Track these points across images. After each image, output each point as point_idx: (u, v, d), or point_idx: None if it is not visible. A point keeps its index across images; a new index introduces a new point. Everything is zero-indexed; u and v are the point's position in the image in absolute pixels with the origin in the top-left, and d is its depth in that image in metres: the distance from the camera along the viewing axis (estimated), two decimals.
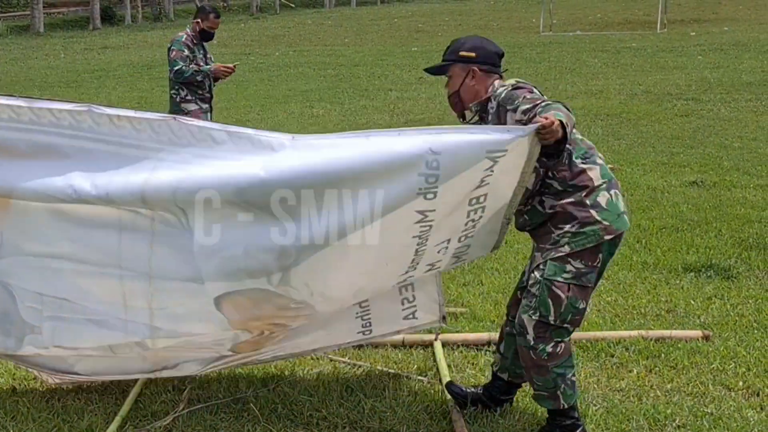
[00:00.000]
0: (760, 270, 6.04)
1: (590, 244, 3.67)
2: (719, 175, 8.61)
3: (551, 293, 3.69)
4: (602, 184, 3.70)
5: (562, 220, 3.69)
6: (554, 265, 3.70)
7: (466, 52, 3.87)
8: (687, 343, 4.84)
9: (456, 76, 3.90)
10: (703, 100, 13.58)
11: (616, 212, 3.70)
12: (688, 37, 23.94)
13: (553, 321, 3.71)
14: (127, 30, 37.86)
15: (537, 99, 3.59)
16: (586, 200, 3.67)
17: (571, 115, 3.48)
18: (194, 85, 7.86)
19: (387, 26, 34.67)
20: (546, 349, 3.74)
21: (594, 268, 3.72)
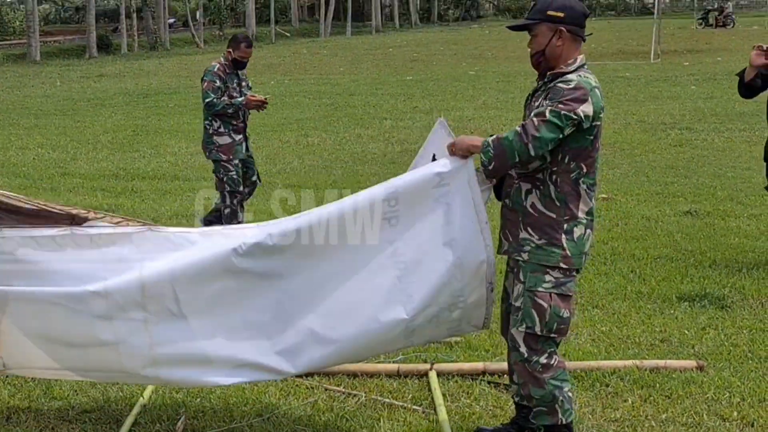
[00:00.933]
0: (755, 300, 6.05)
1: (546, 263, 3.75)
2: (713, 205, 8.64)
3: (534, 303, 3.76)
4: (584, 219, 3.77)
5: (535, 227, 3.77)
6: (534, 277, 3.77)
7: (554, 12, 3.75)
8: (681, 373, 4.84)
9: (542, 36, 3.78)
10: (697, 130, 13.65)
11: (581, 249, 3.77)
12: (682, 67, 24.10)
13: (540, 331, 3.76)
14: (123, 59, 38.00)
15: (557, 110, 3.59)
16: (564, 224, 3.74)
17: (512, 145, 3.59)
18: (227, 116, 7.81)
19: (382, 55, 34.84)
20: (540, 360, 3.79)
21: (573, 277, 3.79)
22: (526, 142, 3.57)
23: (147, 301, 3.72)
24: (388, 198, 3.75)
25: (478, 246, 3.79)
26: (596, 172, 3.81)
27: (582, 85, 3.65)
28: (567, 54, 3.77)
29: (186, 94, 21.84)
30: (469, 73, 24.84)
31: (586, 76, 3.72)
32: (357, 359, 4.30)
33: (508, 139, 3.61)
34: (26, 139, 14.96)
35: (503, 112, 16.54)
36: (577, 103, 3.61)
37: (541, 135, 3.56)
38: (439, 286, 3.79)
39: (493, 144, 3.64)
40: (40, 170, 11.95)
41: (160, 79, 27.11)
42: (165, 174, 11.39)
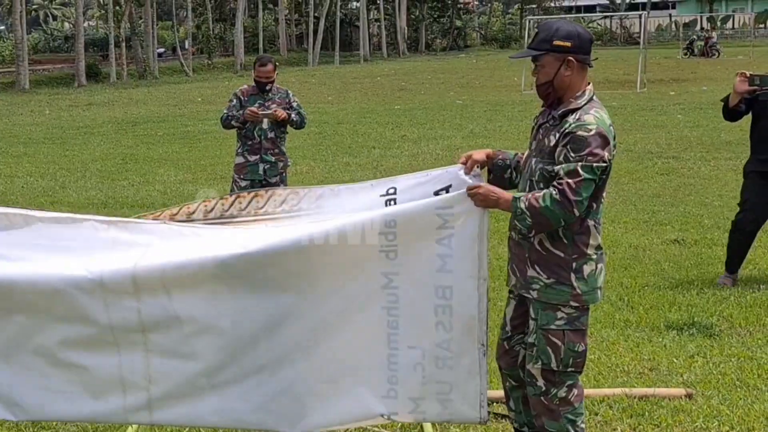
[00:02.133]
0: (742, 328, 6.08)
1: (555, 301, 3.71)
2: (700, 234, 8.69)
3: (548, 341, 3.73)
4: (594, 254, 3.73)
5: (542, 265, 3.73)
6: (546, 314, 3.73)
7: (561, 41, 3.64)
8: (670, 401, 4.85)
9: (549, 66, 3.67)
10: (684, 159, 13.75)
11: (593, 286, 3.74)
12: (668, 97, 24.28)
13: (557, 367, 3.73)
14: (112, 87, 38.04)
15: (588, 164, 3.53)
16: (573, 263, 3.69)
17: (554, 213, 3.52)
18: (244, 136, 7.82)
19: (370, 84, 34.98)
20: (558, 394, 3.77)
21: (585, 311, 3.76)
22: (570, 208, 3.52)
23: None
24: (385, 230, 3.63)
25: (471, 301, 3.70)
26: (601, 207, 3.78)
27: (601, 129, 3.58)
28: (576, 83, 3.70)
29: (175, 123, 21.88)
30: (456, 102, 24.96)
31: (600, 114, 3.65)
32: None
33: (548, 208, 3.52)
34: (15, 167, 14.95)
35: (491, 140, 16.61)
36: (603, 150, 3.56)
37: (582, 196, 3.53)
38: (425, 327, 3.70)
39: (530, 212, 3.56)
40: (28, 198, 11.92)
41: (148, 107, 27.14)
42: (154, 203, 11.38)
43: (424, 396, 3.78)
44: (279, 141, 7.89)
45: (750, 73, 6.82)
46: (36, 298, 3.63)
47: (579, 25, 3.80)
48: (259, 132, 7.77)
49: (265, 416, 3.76)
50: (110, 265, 3.61)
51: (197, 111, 24.64)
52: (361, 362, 3.76)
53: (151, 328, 3.66)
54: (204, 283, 3.61)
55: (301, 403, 3.76)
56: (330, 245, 3.61)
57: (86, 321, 3.65)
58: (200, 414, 3.78)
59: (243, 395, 3.73)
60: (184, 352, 3.68)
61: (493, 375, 4.31)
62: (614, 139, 3.66)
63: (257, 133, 7.77)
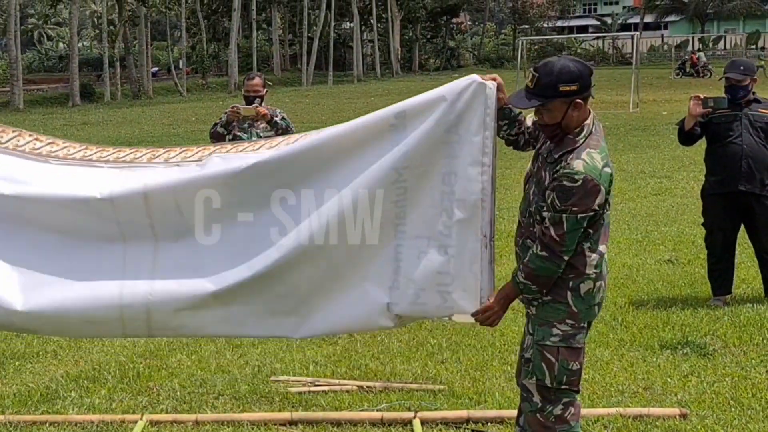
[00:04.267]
0: (736, 347, 6.09)
1: (552, 319, 3.74)
2: (693, 253, 8.71)
3: (543, 357, 3.76)
4: (592, 273, 3.74)
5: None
6: (542, 330, 3.76)
7: (566, 86, 3.57)
8: (665, 421, 4.85)
9: (557, 110, 3.62)
10: (676, 179, 13.79)
11: (589, 303, 3.77)
12: (660, 117, 24.38)
13: (550, 384, 3.76)
14: (107, 107, 38.08)
15: (572, 216, 3.57)
16: (570, 282, 3.72)
17: (547, 269, 3.61)
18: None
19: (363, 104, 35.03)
20: (554, 411, 3.78)
21: (582, 329, 3.78)
22: (558, 261, 3.63)
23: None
24: (395, 122, 3.70)
25: (474, 186, 3.68)
26: (603, 229, 3.77)
27: (590, 178, 3.55)
28: (581, 120, 3.69)
29: (169, 142, 21.88)
30: None
31: (592, 157, 3.59)
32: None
33: (540, 267, 3.64)
34: None
35: None
36: (589, 199, 3.56)
37: (567, 246, 3.60)
38: (431, 215, 3.71)
39: (528, 280, 3.69)
40: None
41: (142, 127, 27.16)
42: None
43: (425, 287, 3.76)
44: None
45: (704, 95, 6.94)
46: (47, 210, 3.75)
47: (578, 60, 3.69)
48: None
49: (268, 320, 3.77)
50: (120, 187, 3.73)
51: (191, 130, 24.66)
52: (369, 258, 3.76)
53: (163, 236, 3.77)
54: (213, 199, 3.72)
55: (305, 303, 3.77)
56: (344, 137, 3.73)
57: (97, 232, 3.76)
58: (202, 324, 3.80)
59: (247, 302, 3.74)
60: (193, 264, 3.75)
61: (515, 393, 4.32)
62: (609, 181, 3.63)
63: None
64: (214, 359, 6.06)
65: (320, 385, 5.46)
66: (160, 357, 6.13)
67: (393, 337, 6.42)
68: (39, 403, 5.34)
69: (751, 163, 6.84)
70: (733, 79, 6.89)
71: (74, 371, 5.87)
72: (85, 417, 5.07)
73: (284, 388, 5.46)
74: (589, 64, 3.77)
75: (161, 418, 5.03)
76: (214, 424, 4.95)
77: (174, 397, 5.40)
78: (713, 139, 7.04)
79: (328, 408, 5.15)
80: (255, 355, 6.13)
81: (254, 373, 5.77)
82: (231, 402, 5.32)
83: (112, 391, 5.52)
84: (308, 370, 5.81)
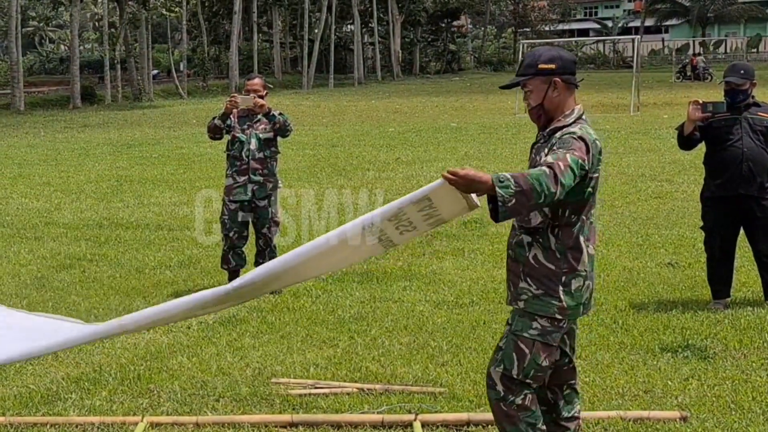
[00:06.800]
0: (737, 350, 6.09)
1: (542, 313, 3.80)
2: (694, 256, 8.71)
3: (516, 347, 3.83)
4: (583, 270, 3.83)
5: (533, 277, 3.83)
6: (522, 321, 3.84)
7: (545, 65, 3.83)
8: (665, 424, 4.86)
9: (537, 90, 3.86)
10: (677, 182, 13.79)
11: (578, 301, 3.84)
12: (661, 120, 24.40)
13: (516, 375, 3.82)
14: (107, 109, 38.09)
15: (575, 157, 3.57)
16: (563, 276, 3.80)
17: (542, 183, 3.43)
18: (233, 157, 7.80)
19: (364, 107, 35.09)
20: (516, 401, 3.86)
21: (560, 329, 3.84)
22: (555, 184, 3.47)
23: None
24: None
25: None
26: (591, 225, 3.87)
27: (585, 137, 3.72)
28: (564, 103, 3.85)
29: (169, 145, 21.92)
30: (450, 124, 25.05)
31: (586, 128, 3.79)
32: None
33: (535, 179, 3.43)
34: (10, 189, 14.95)
35: (485, 163, 16.67)
36: (584, 153, 3.66)
37: (566, 181, 3.54)
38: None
39: (513, 179, 3.41)
40: (23, 219, 11.93)
41: (143, 129, 27.18)
42: (149, 224, 11.40)
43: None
44: (268, 162, 7.85)
45: (703, 100, 6.98)
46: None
47: (562, 48, 3.98)
48: (247, 153, 7.76)
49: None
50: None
51: (192, 133, 24.68)
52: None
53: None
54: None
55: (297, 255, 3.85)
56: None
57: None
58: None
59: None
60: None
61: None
62: (599, 154, 3.78)
63: (245, 154, 7.76)
64: (215, 361, 6.06)
65: (321, 388, 5.47)
66: (161, 359, 6.14)
67: (394, 340, 6.44)
68: (39, 405, 5.35)
69: (751, 167, 6.85)
70: (733, 83, 6.90)
71: (75, 373, 5.88)
72: (85, 419, 5.07)
73: (285, 391, 5.47)
74: (575, 57, 3.97)
75: (162, 420, 5.04)
76: (215, 426, 4.96)
77: (174, 399, 5.41)
78: (713, 143, 7.05)
79: (329, 410, 5.15)
80: (255, 357, 6.14)
81: (255, 375, 5.78)
82: (231, 404, 5.32)
83: (113, 393, 5.53)
84: (309, 372, 5.81)
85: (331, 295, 7.73)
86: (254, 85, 7.91)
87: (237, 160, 7.78)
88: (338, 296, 7.70)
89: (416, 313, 7.07)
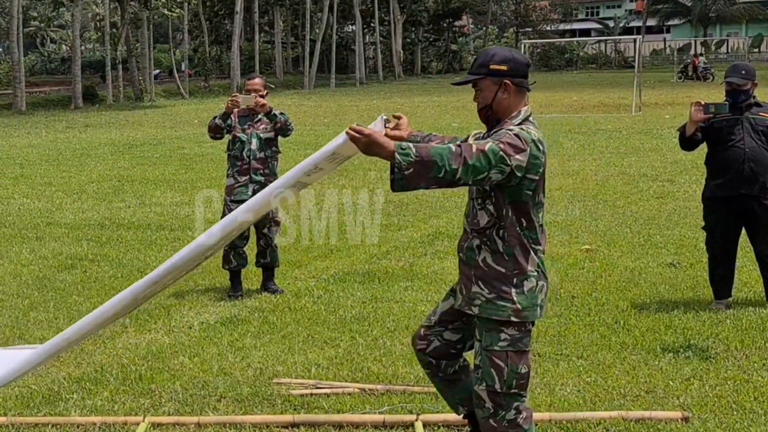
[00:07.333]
0: (738, 351, 6.09)
1: (497, 317, 3.78)
2: (695, 257, 8.71)
3: (492, 363, 3.81)
4: (534, 272, 3.81)
5: (485, 281, 3.81)
6: (489, 336, 3.81)
7: (497, 66, 3.78)
8: (666, 424, 4.86)
9: (487, 90, 3.81)
10: (679, 182, 13.79)
11: (533, 302, 3.81)
12: (663, 120, 24.39)
13: (500, 389, 3.81)
14: (109, 109, 38.10)
15: (496, 147, 3.55)
16: (514, 278, 3.78)
17: (443, 158, 3.45)
18: (234, 157, 7.79)
19: (366, 107, 35.08)
20: (506, 416, 3.84)
21: (527, 332, 3.83)
22: (459, 163, 3.45)
23: None
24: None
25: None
26: (539, 228, 3.84)
27: (522, 136, 3.63)
28: (513, 106, 3.81)
29: (171, 145, 21.93)
30: (452, 124, 25.04)
31: (528, 129, 3.71)
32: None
33: (438, 152, 3.44)
34: (11, 189, 14.96)
35: None
36: (513, 150, 3.58)
37: (473, 163, 3.48)
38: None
39: (416, 148, 3.45)
40: (25, 220, 11.93)
41: (145, 129, 27.19)
42: (150, 224, 11.40)
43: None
44: (269, 161, 7.85)
45: (705, 101, 6.99)
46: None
47: (516, 50, 3.93)
48: (248, 152, 7.76)
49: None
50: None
51: (193, 133, 24.69)
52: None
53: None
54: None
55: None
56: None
57: None
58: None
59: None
60: None
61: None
62: (542, 154, 3.70)
63: (246, 153, 7.75)
64: (216, 361, 6.07)
65: (322, 388, 5.47)
66: (162, 359, 6.14)
67: (395, 340, 6.43)
68: (41, 405, 5.35)
69: (752, 167, 6.85)
70: (735, 83, 6.90)
71: (76, 373, 5.88)
72: (87, 419, 5.07)
73: (286, 391, 5.47)
74: (528, 60, 3.94)
75: (163, 420, 5.04)
76: (216, 427, 4.96)
77: (176, 399, 5.41)
78: (715, 143, 7.05)
79: (330, 411, 5.15)
80: (257, 357, 6.14)
81: (256, 375, 5.78)
82: (233, 404, 5.32)
83: (114, 393, 5.53)
84: (310, 372, 5.81)
85: (333, 296, 7.73)
86: (255, 84, 7.92)
87: (238, 159, 7.77)
88: (340, 296, 7.70)
89: (418, 314, 7.06)
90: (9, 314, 7.40)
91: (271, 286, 7.94)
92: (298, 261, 9.04)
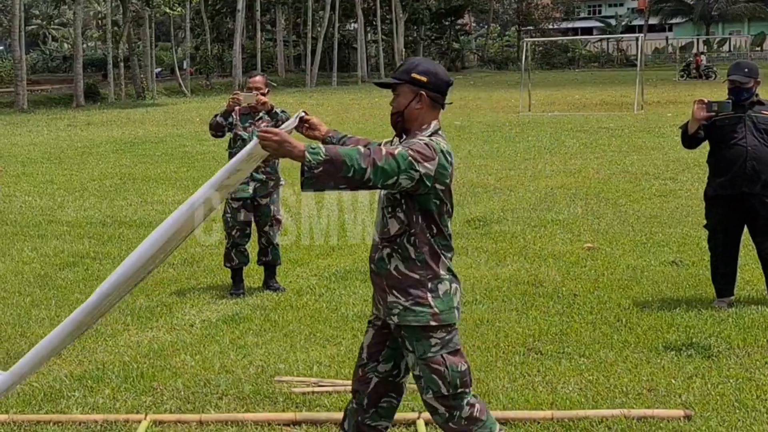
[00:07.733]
0: (740, 349, 6.08)
1: (416, 323, 3.78)
2: (698, 255, 8.70)
3: (431, 369, 3.80)
4: (447, 275, 3.83)
5: (399, 289, 3.80)
6: (420, 345, 3.80)
7: (418, 75, 3.80)
8: (669, 422, 4.85)
9: (403, 96, 3.84)
10: (681, 181, 13.78)
11: (449, 305, 3.82)
12: (665, 118, 24.37)
13: (447, 392, 3.81)
14: (111, 107, 38.11)
15: (406, 153, 3.58)
16: (428, 283, 3.79)
17: (352, 158, 3.48)
18: (234, 155, 7.76)
19: (368, 105, 35.09)
20: (462, 415, 3.85)
21: (454, 330, 3.85)
22: (368, 164, 3.50)
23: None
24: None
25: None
26: (450, 236, 3.85)
27: (432, 146, 3.67)
28: (424, 119, 3.82)
29: (173, 143, 21.92)
30: (454, 123, 25.03)
31: (438, 140, 3.74)
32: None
33: (347, 152, 3.51)
34: (13, 187, 14.96)
35: (488, 161, 16.67)
36: (422, 157, 3.61)
37: (382, 165, 3.52)
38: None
39: (326, 148, 3.50)
40: (27, 218, 11.94)
41: (146, 127, 27.19)
42: (152, 222, 11.38)
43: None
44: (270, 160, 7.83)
45: (707, 99, 6.98)
46: None
47: (441, 67, 3.94)
48: None
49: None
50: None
51: (195, 131, 24.69)
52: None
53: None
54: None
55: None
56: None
57: None
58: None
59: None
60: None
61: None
62: (445, 168, 3.70)
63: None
64: (218, 359, 6.06)
65: (324, 386, 5.47)
66: (164, 357, 6.14)
67: None
68: (42, 403, 5.35)
69: (755, 165, 6.84)
70: (737, 81, 6.89)
71: (78, 371, 5.88)
72: (88, 417, 5.07)
73: (288, 389, 5.47)
74: (451, 80, 3.93)
75: (165, 418, 5.04)
76: (218, 425, 4.96)
77: (178, 397, 5.41)
78: (717, 141, 7.05)
79: (332, 408, 5.15)
80: (259, 355, 6.14)
81: (258, 373, 5.78)
82: (235, 402, 5.32)
83: (116, 390, 5.53)
84: (312, 370, 5.81)
85: (335, 293, 7.73)
86: (256, 82, 7.91)
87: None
88: (341, 294, 7.70)
89: None
90: (11, 312, 7.41)
91: (272, 284, 7.94)
92: (300, 259, 9.04)
